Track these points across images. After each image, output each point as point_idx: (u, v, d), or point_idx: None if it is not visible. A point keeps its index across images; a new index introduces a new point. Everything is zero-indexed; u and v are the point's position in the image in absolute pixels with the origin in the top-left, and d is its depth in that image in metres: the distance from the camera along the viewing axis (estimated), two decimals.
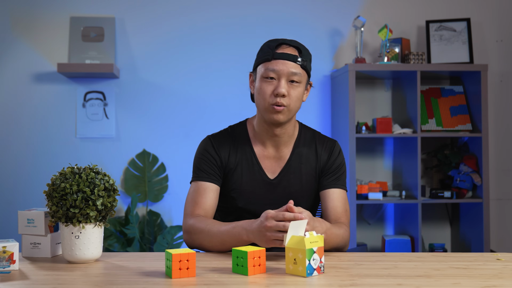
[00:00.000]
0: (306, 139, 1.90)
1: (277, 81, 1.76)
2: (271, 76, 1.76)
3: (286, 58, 1.76)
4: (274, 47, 1.78)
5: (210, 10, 3.57)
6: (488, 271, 1.43)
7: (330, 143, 1.91)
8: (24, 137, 3.48)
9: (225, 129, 1.92)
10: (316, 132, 1.95)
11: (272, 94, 1.76)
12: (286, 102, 1.76)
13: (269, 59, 1.77)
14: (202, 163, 1.84)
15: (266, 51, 1.79)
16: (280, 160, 1.87)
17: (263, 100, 1.78)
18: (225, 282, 1.32)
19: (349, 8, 3.61)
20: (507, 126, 3.67)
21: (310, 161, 1.88)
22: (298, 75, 1.76)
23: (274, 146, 1.87)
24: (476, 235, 3.32)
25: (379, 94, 3.64)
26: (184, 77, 3.55)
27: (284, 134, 1.85)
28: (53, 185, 1.51)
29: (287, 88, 1.75)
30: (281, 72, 1.75)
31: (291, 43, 1.80)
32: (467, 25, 3.48)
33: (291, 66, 1.76)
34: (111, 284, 1.30)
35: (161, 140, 3.53)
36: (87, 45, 3.46)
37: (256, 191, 1.85)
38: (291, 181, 1.86)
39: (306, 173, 1.87)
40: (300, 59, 1.77)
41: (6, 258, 1.43)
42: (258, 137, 1.87)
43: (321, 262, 1.38)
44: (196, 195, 1.80)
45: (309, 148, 1.89)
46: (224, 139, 1.88)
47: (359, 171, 3.56)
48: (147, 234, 3.40)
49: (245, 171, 1.85)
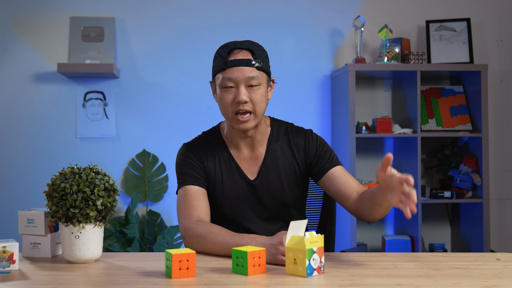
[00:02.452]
0: (279, 134, 1.88)
1: (236, 89, 1.73)
2: (229, 85, 1.73)
3: (240, 64, 1.72)
4: (226, 54, 1.74)
5: (210, 10, 3.57)
6: (488, 271, 1.43)
7: (303, 133, 1.89)
8: (24, 137, 3.48)
9: (199, 136, 1.91)
10: (289, 124, 1.92)
11: (233, 102, 1.74)
12: (249, 107, 1.74)
13: (224, 68, 1.73)
14: (185, 168, 1.83)
15: (219, 60, 1.75)
16: (256, 160, 1.86)
17: (226, 110, 1.76)
18: (225, 282, 1.31)
19: (349, 8, 3.61)
20: (507, 126, 3.67)
21: (286, 155, 1.86)
22: (256, 79, 1.73)
23: (249, 147, 1.86)
24: (476, 235, 3.32)
25: (379, 94, 3.64)
26: (184, 77, 3.55)
27: (256, 134, 1.84)
28: (53, 185, 1.51)
29: (247, 94, 1.73)
30: (238, 79, 1.72)
31: (243, 46, 1.75)
32: (467, 25, 3.48)
33: (246, 71, 1.72)
34: (111, 284, 1.30)
35: (161, 140, 3.53)
36: (87, 45, 3.46)
37: (239, 194, 1.83)
38: (270, 179, 1.84)
39: (284, 167, 1.85)
40: (254, 61, 1.73)
41: (6, 258, 1.43)
42: (232, 140, 1.86)
43: (321, 262, 1.38)
44: (189, 198, 1.77)
45: (284, 142, 1.87)
46: (200, 146, 1.87)
47: (359, 171, 3.56)
48: (147, 234, 3.40)
49: (225, 175, 1.83)
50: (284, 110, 3.51)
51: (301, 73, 3.57)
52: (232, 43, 1.78)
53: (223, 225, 1.82)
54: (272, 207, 1.86)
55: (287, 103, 3.55)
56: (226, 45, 1.78)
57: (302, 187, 1.90)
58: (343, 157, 3.27)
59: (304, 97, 3.57)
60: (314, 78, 3.58)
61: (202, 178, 1.82)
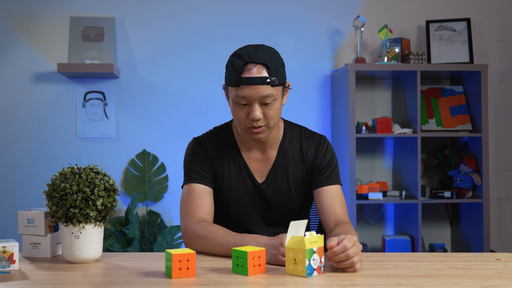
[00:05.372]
0: (292, 138, 1.86)
1: (249, 106, 1.67)
2: (243, 103, 1.67)
3: (254, 82, 1.63)
4: (240, 70, 1.64)
5: (210, 10, 3.57)
6: (488, 271, 1.43)
7: (316, 139, 1.86)
8: (24, 137, 3.48)
9: (211, 131, 1.88)
10: (303, 128, 1.89)
11: (247, 118, 1.69)
12: (263, 123, 1.69)
13: (237, 85, 1.65)
14: (193, 164, 1.80)
15: (233, 72, 1.66)
16: (266, 163, 1.83)
17: (239, 123, 1.72)
18: (225, 282, 1.31)
19: (349, 8, 3.61)
20: (507, 126, 3.67)
21: (296, 160, 1.84)
22: (270, 97, 1.66)
23: (260, 149, 1.83)
24: (476, 235, 3.32)
25: (379, 94, 3.64)
26: (184, 77, 3.55)
27: (268, 139, 1.81)
28: (53, 185, 1.51)
29: (261, 111, 1.67)
30: (252, 98, 1.65)
31: (257, 60, 1.64)
32: (467, 25, 3.48)
33: (261, 90, 1.64)
34: (111, 284, 1.30)
35: (161, 140, 3.53)
36: (87, 45, 3.46)
37: (246, 195, 1.82)
38: (278, 183, 1.82)
39: (294, 173, 1.83)
40: (269, 79, 1.64)
41: (6, 258, 1.43)
42: (244, 142, 1.83)
43: (321, 262, 1.38)
44: (193, 197, 1.75)
45: (295, 147, 1.84)
46: (211, 142, 1.84)
47: (359, 171, 3.56)
48: (147, 234, 3.40)
49: (234, 175, 1.81)
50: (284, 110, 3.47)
51: (301, 73, 3.57)
52: (246, 53, 1.67)
53: (227, 225, 1.82)
54: (277, 212, 1.85)
55: (287, 103, 3.50)
56: (240, 55, 1.67)
57: (309, 194, 1.88)
58: (343, 157, 3.27)
59: (304, 97, 3.57)
60: (314, 78, 3.58)
61: (209, 176, 1.80)
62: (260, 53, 1.67)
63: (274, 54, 1.70)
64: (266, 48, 1.70)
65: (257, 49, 1.68)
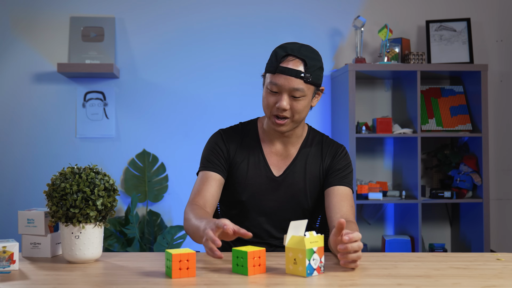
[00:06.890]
0: (314, 141, 1.92)
1: (279, 95, 1.75)
2: (274, 90, 1.75)
3: (289, 73, 1.72)
4: (280, 59, 1.73)
5: (210, 10, 3.57)
6: (488, 271, 1.43)
7: (336, 146, 1.92)
8: (24, 137, 3.48)
9: (236, 125, 1.96)
10: (325, 136, 1.96)
11: (274, 106, 1.76)
12: (288, 114, 1.77)
13: (273, 72, 1.74)
14: (210, 154, 1.87)
15: (273, 60, 1.76)
16: (286, 158, 1.89)
17: (267, 109, 1.80)
18: (225, 282, 1.32)
19: (349, 8, 3.61)
20: (507, 126, 3.67)
21: (315, 161, 1.89)
22: (300, 91, 1.73)
23: (282, 144, 1.89)
24: (476, 235, 3.32)
25: (379, 94, 3.64)
26: (184, 77, 3.55)
27: (292, 135, 1.87)
28: (53, 185, 1.51)
29: (289, 102, 1.75)
30: (283, 87, 1.73)
31: (298, 54, 1.73)
32: (467, 25, 3.48)
33: (293, 83, 1.72)
34: (111, 284, 1.30)
35: (161, 140, 3.53)
36: (87, 45, 3.46)
37: (260, 186, 1.86)
38: (295, 179, 1.87)
39: (311, 172, 1.88)
40: (303, 74, 1.72)
41: (6, 258, 1.43)
42: (267, 135, 1.90)
43: (321, 262, 1.38)
44: (200, 184, 1.82)
45: (316, 149, 1.91)
46: (234, 134, 1.91)
47: (359, 171, 3.56)
48: (147, 234, 3.40)
49: (251, 165, 1.87)
50: None
51: None
52: (290, 46, 1.75)
53: (238, 214, 1.87)
54: (289, 207, 1.87)
55: None
56: (284, 47, 1.76)
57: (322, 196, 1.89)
58: None
59: None
60: None
61: (223, 166, 1.86)
62: (303, 50, 1.75)
63: (316, 55, 1.77)
64: (310, 48, 1.78)
65: (301, 46, 1.76)
